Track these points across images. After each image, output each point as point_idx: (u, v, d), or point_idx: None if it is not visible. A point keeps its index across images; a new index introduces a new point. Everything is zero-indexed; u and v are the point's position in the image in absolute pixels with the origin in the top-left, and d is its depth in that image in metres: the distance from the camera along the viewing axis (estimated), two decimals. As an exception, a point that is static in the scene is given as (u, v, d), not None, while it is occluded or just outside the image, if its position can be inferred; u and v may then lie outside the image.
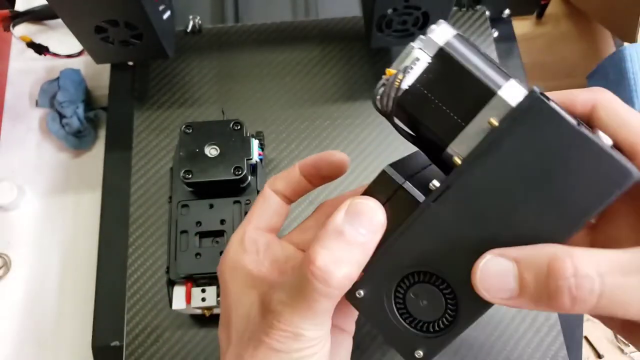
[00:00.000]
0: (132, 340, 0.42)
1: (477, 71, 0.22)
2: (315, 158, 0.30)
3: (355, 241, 0.22)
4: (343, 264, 0.21)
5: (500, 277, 0.20)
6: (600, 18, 0.60)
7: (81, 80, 0.54)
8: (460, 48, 0.23)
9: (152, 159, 0.48)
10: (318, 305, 0.22)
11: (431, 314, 0.24)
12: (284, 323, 0.22)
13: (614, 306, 0.19)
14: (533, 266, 0.20)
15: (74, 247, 0.50)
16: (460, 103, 0.22)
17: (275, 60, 0.51)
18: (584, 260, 0.19)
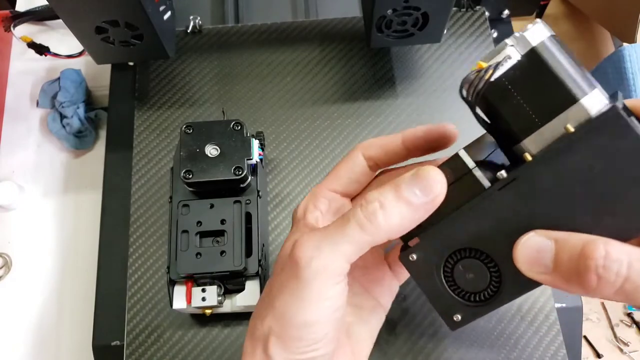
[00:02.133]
0: (132, 340, 0.42)
1: (564, 75, 0.23)
2: (425, 129, 0.30)
3: (406, 199, 0.23)
4: (388, 212, 0.23)
5: (539, 253, 0.22)
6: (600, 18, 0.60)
7: (82, 80, 0.54)
8: (552, 50, 0.23)
9: (152, 159, 0.48)
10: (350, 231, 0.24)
11: (475, 286, 0.26)
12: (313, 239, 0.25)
13: (637, 292, 0.20)
14: (569, 246, 0.22)
15: (74, 247, 0.50)
16: (541, 103, 0.23)
17: (275, 60, 0.52)
18: (616, 247, 0.20)
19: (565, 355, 0.41)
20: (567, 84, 0.23)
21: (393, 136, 0.30)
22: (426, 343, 0.41)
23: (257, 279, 0.39)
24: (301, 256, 0.25)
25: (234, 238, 0.38)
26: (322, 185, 0.31)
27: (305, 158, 0.48)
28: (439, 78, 0.51)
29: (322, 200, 0.30)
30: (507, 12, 0.55)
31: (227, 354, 0.42)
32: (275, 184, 0.47)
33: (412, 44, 0.48)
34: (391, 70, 0.51)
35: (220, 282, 0.38)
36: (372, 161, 0.31)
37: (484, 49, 0.51)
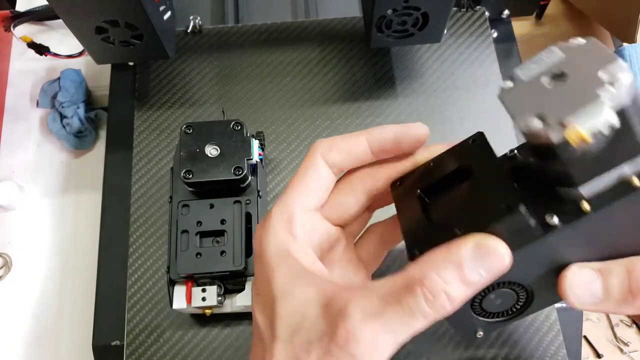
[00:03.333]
0: (132, 340, 0.42)
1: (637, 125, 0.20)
2: (395, 131, 0.27)
3: (472, 281, 0.21)
4: (455, 300, 0.21)
5: (588, 285, 0.22)
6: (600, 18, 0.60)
7: (82, 80, 0.54)
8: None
9: (152, 159, 0.48)
10: (414, 322, 0.21)
11: (499, 308, 0.26)
12: (368, 333, 0.21)
13: None
14: (615, 273, 0.22)
15: (74, 247, 0.50)
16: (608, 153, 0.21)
17: (275, 60, 0.52)
18: None
19: (565, 355, 0.41)
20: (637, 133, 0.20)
21: (356, 137, 0.28)
22: (426, 343, 0.41)
23: (257, 279, 0.39)
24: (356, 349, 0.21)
25: (234, 238, 0.38)
26: (290, 203, 0.27)
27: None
28: (439, 78, 0.51)
29: (298, 225, 0.27)
30: (507, 12, 0.55)
31: (227, 354, 0.42)
32: (275, 184, 0.47)
33: (412, 44, 0.48)
34: (391, 70, 0.51)
35: (220, 282, 0.38)
36: (336, 167, 0.28)
37: (484, 49, 0.51)
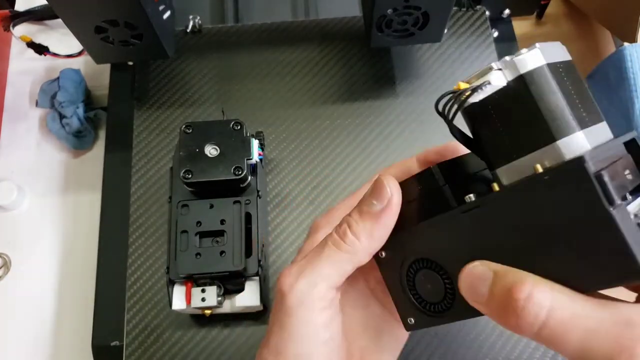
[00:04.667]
0: (132, 340, 0.42)
1: (547, 110, 0.21)
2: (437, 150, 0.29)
3: (367, 211, 0.25)
4: (354, 228, 0.25)
5: (478, 281, 0.22)
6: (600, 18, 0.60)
7: (81, 80, 0.54)
8: (542, 80, 0.22)
9: (152, 159, 0.48)
10: (331, 258, 0.25)
11: (431, 297, 0.26)
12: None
13: (553, 340, 0.20)
14: (504, 281, 0.21)
15: (74, 247, 0.50)
16: (520, 135, 0.22)
17: (275, 60, 0.51)
18: (543, 291, 0.20)
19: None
20: (548, 120, 0.21)
21: (408, 160, 0.30)
22: (427, 342, 0.41)
23: (256, 279, 0.39)
24: (283, 285, 0.25)
25: (233, 238, 0.38)
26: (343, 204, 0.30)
27: (305, 158, 0.48)
28: (439, 78, 0.50)
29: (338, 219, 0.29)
30: (508, 11, 0.55)
31: (227, 354, 0.42)
32: (275, 184, 0.47)
33: (413, 44, 0.47)
34: (391, 70, 0.51)
35: (219, 282, 0.38)
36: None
37: (484, 48, 0.51)
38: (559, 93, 0.21)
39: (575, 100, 0.22)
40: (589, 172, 0.19)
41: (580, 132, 0.21)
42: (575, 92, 0.22)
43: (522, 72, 0.22)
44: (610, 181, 0.20)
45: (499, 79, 0.22)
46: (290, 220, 0.45)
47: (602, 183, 0.20)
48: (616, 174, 0.20)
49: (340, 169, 0.47)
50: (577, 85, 0.22)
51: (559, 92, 0.21)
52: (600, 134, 0.22)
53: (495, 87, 0.23)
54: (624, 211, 0.20)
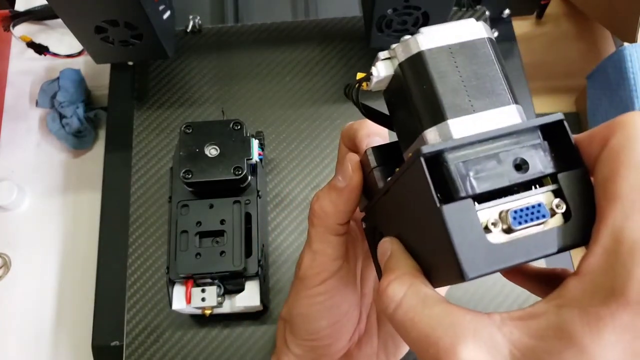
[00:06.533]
0: (132, 340, 0.42)
1: (418, 100, 0.21)
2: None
3: (334, 185, 0.27)
4: (321, 201, 0.27)
5: (381, 256, 0.24)
6: (600, 18, 0.60)
7: (81, 80, 0.54)
8: (416, 69, 0.21)
9: (152, 159, 0.48)
10: (313, 230, 0.28)
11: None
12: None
13: (397, 330, 0.21)
14: (385, 265, 0.23)
15: (74, 247, 0.50)
16: (407, 124, 0.22)
17: (275, 60, 0.51)
18: (400, 284, 0.21)
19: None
20: (419, 110, 0.21)
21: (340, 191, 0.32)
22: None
23: (256, 279, 0.39)
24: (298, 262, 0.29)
25: (233, 238, 0.38)
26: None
27: (305, 158, 0.48)
28: (439, 78, 0.50)
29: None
30: (508, 11, 0.54)
31: (227, 354, 0.42)
32: (275, 184, 0.47)
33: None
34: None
35: (219, 282, 0.38)
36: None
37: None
38: (431, 81, 0.20)
39: (459, 85, 0.20)
40: (422, 167, 0.19)
41: (447, 121, 0.20)
42: (466, 76, 0.21)
43: (400, 61, 0.22)
44: (457, 177, 0.19)
45: (379, 70, 0.23)
46: (290, 220, 0.45)
47: (443, 176, 0.19)
48: (482, 169, 0.19)
49: (340, 169, 0.47)
50: (473, 68, 0.21)
51: (430, 81, 0.21)
52: (493, 120, 0.20)
53: (378, 77, 0.23)
54: (463, 210, 0.19)
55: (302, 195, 0.46)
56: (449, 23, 0.22)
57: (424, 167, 0.19)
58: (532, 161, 0.20)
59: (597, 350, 0.17)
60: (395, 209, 0.24)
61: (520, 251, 0.19)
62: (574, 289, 0.18)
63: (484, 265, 0.18)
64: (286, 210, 0.46)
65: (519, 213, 0.19)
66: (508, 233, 0.19)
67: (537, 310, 0.19)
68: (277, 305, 0.43)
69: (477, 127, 0.20)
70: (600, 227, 0.18)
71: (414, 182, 0.20)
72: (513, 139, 0.20)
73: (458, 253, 0.18)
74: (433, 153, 0.19)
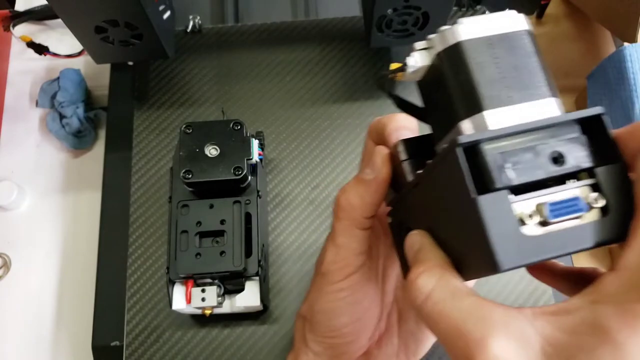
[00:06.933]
0: (132, 340, 0.42)
1: (455, 90, 0.21)
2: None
3: (361, 179, 0.27)
4: (347, 194, 0.27)
5: (409, 249, 0.24)
6: (600, 18, 0.60)
7: (81, 80, 0.54)
8: (455, 58, 0.21)
9: (152, 159, 0.48)
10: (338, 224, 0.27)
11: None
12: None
13: (426, 322, 0.21)
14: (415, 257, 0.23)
15: (74, 247, 0.50)
16: (444, 114, 0.22)
17: (275, 60, 0.51)
18: (429, 276, 0.21)
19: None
20: (456, 101, 0.21)
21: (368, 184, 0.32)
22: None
23: (256, 279, 0.39)
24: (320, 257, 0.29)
25: (233, 238, 0.38)
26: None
27: (305, 158, 0.48)
28: (439, 78, 0.50)
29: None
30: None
31: (227, 354, 0.42)
32: (275, 184, 0.47)
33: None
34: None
35: (220, 282, 0.38)
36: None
37: (484, 48, 0.51)
38: (469, 72, 0.20)
39: (497, 77, 0.20)
40: (459, 157, 0.19)
41: (483, 112, 0.20)
42: (505, 67, 0.20)
43: (438, 50, 0.22)
44: (493, 168, 0.19)
45: (415, 60, 0.23)
46: (290, 220, 0.45)
47: (478, 167, 0.19)
48: (519, 161, 0.19)
49: (340, 169, 0.47)
50: (512, 60, 0.21)
51: (468, 71, 0.20)
52: (531, 113, 0.20)
53: (414, 67, 0.23)
54: (498, 201, 0.18)
55: (302, 195, 0.46)
56: (489, 14, 0.21)
57: (460, 157, 0.19)
58: (570, 154, 0.19)
59: (633, 347, 0.16)
60: (425, 202, 0.23)
61: (556, 244, 0.19)
62: (610, 284, 0.18)
63: (518, 257, 0.18)
64: (286, 210, 0.46)
65: (555, 206, 0.19)
66: (544, 226, 0.19)
67: (571, 306, 0.18)
68: (277, 305, 0.43)
69: (514, 118, 0.20)
70: (638, 223, 0.18)
71: (448, 172, 0.20)
72: (551, 132, 0.20)
73: (493, 244, 0.18)
74: (470, 143, 0.19)
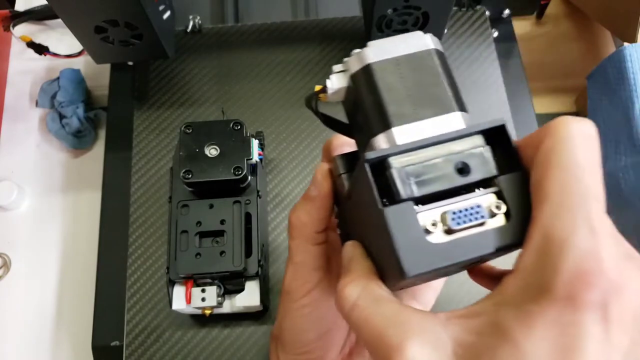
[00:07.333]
0: (132, 340, 0.42)
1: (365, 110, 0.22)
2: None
3: (307, 196, 0.27)
4: (297, 212, 0.28)
5: (344, 259, 0.25)
6: (600, 18, 0.60)
7: (81, 80, 0.54)
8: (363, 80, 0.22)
9: (152, 159, 0.48)
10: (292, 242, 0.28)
11: None
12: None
13: (353, 329, 0.22)
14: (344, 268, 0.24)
15: (74, 247, 0.50)
16: (361, 131, 0.23)
17: (275, 60, 0.51)
18: (354, 286, 0.22)
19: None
20: (369, 118, 0.22)
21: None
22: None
23: (256, 279, 0.39)
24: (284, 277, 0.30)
25: (233, 238, 0.38)
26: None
27: (305, 158, 0.48)
28: (439, 78, 0.50)
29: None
30: (508, 11, 0.55)
31: (227, 354, 0.42)
32: (275, 184, 0.47)
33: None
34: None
35: (219, 282, 0.38)
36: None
37: (484, 48, 0.51)
38: (378, 91, 0.22)
39: (404, 95, 0.22)
40: (367, 172, 0.20)
41: (392, 129, 0.21)
42: (411, 86, 0.22)
43: (352, 72, 0.23)
44: (398, 181, 0.20)
45: (333, 82, 0.24)
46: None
47: (386, 180, 0.20)
48: (424, 173, 0.20)
49: (340, 169, 0.47)
50: (418, 78, 0.22)
51: (378, 91, 0.22)
52: (437, 127, 0.21)
53: (332, 89, 0.24)
54: (403, 211, 0.19)
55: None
56: (397, 36, 0.23)
57: (368, 172, 0.20)
58: (474, 165, 0.20)
59: (528, 345, 0.17)
60: (355, 214, 0.24)
61: (459, 251, 0.20)
62: (510, 287, 0.19)
63: (423, 264, 0.19)
64: (286, 210, 0.46)
65: (457, 214, 0.20)
66: (449, 234, 0.20)
67: (477, 309, 0.19)
68: (277, 305, 0.43)
69: (420, 133, 0.21)
70: (532, 227, 0.19)
71: (362, 186, 0.21)
72: (456, 144, 0.21)
73: (398, 251, 0.19)
74: (377, 159, 0.20)
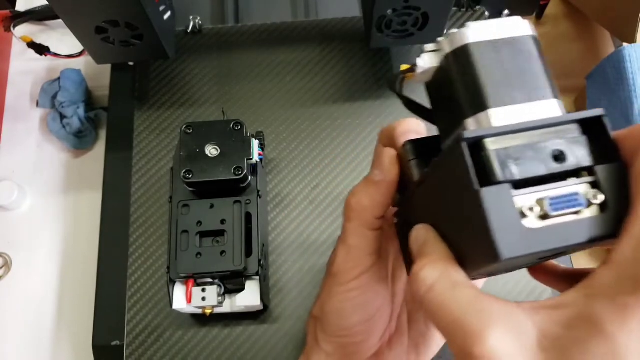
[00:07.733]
0: (132, 340, 0.42)
1: (462, 90, 0.22)
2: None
3: (371, 180, 0.27)
4: (357, 196, 0.28)
5: (413, 243, 0.25)
6: (600, 18, 0.60)
7: (82, 80, 0.54)
8: (462, 60, 0.22)
9: (152, 159, 0.48)
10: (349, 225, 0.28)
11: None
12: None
13: (427, 314, 0.22)
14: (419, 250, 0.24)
15: (74, 247, 0.50)
16: (451, 113, 0.23)
17: (275, 60, 0.52)
18: (432, 269, 0.22)
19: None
20: (462, 100, 0.22)
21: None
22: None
23: (257, 278, 0.39)
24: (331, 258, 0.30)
25: (234, 238, 0.38)
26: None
27: (305, 158, 0.48)
28: (439, 78, 0.50)
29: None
30: (507, 12, 0.55)
31: (227, 353, 0.42)
32: (275, 184, 0.47)
33: (412, 44, 0.48)
34: (391, 70, 0.51)
35: (220, 282, 0.38)
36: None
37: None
38: (476, 72, 0.21)
39: (502, 78, 0.21)
40: (463, 150, 0.20)
41: (488, 110, 0.21)
42: (510, 70, 0.21)
43: (447, 52, 0.23)
44: (496, 162, 0.20)
45: (425, 61, 0.23)
46: (290, 220, 0.46)
47: (482, 161, 0.20)
48: (521, 157, 0.20)
49: (340, 169, 0.47)
50: (517, 63, 0.22)
51: (475, 72, 0.21)
52: (533, 113, 0.21)
53: (423, 69, 0.23)
54: (500, 194, 0.19)
55: (302, 195, 0.46)
56: (496, 20, 0.22)
57: (465, 151, 0.20)
58: (570, 153, 0.20)
59: (622, 339, 0.17)
60: (430, 199, 0.24)
61: (554, 237, 0.19)
62: (603, 278, 0.18)
63: (518, 248, 0.19)
64: (286, 210, 0.46)
65: (556, 200, 0.20)
66: (544, 219, 0.20)
67: (566, 300, 0.19)
68: (277, 305, 0.43)
69: (517, 117, 0.21)
70: (632, 219, 0.18)
71: (453, 167, 0.20)
72: (552, 131, 0.21)
73: (494, 234, 0.19)
74: (474, 139, 0.20)
